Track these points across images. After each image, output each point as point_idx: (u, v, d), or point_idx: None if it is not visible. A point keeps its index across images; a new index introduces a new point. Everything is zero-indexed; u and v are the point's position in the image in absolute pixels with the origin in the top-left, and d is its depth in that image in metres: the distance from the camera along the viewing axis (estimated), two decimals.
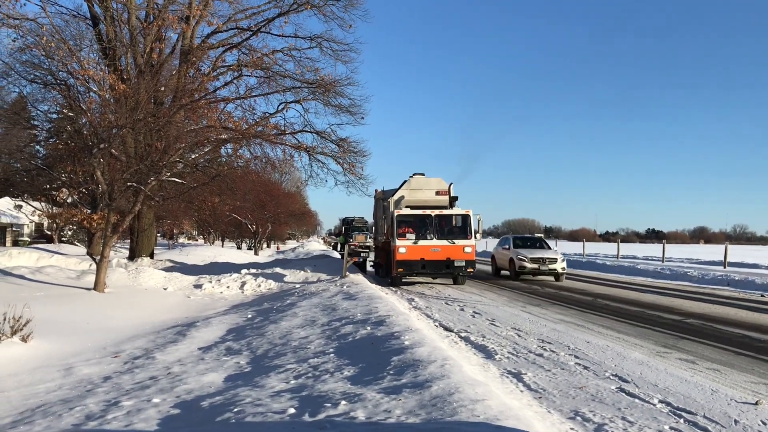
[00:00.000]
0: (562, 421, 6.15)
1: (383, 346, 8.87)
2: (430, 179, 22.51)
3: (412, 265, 20.05)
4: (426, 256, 20.05)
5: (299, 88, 26.06)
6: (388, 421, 5.18)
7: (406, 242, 20.04)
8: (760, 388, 7.44)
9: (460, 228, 20.75)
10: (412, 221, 20.59)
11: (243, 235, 57.26)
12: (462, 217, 20.81)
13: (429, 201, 21.91)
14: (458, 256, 20.13)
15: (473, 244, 20.40)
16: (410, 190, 22.17)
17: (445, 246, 20.13)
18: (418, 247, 20.04)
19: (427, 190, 22.23)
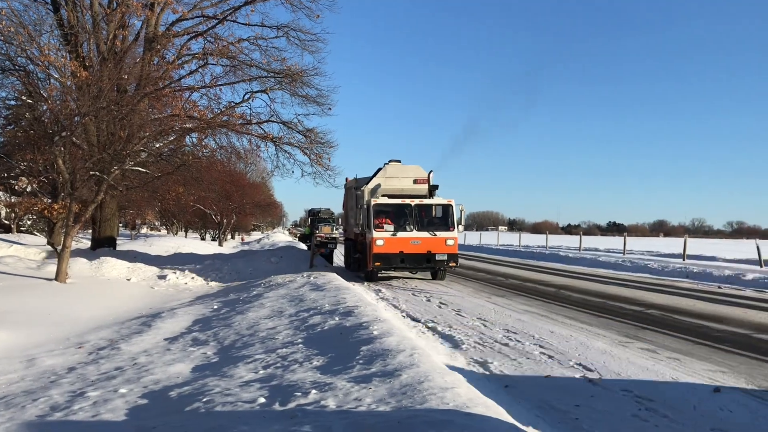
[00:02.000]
0: (529, 408, 6.28)
1: (352, 336, 8.91)
2: (407, 167, 21.30)
3: (390, 258, 18.73)
4: (405, 249, 18.81)
5: (265, 78, 25.84)
6: (359, 409, 5.22)
7: (384, 234, 18.76)
8: (717, 376, 7.67)
9: (442, 219, 19.66)
10: (390, 211, 19.36)
11: (207, 226, 56.69)
12: (444, 207, 19.67)
13: (406, 190, 20.71)
14: (440, 249, 18.97)
15: (456, 236, 19.30)
16: (386, 177, 20.84)
17: (425, 238, 18.95)
18: (397, 239, 18.78)
19: (404, 178, 20.98)
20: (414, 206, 19.17)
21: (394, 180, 20.82)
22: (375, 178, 20.84)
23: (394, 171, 21.09)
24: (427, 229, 19.11)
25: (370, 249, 18.87)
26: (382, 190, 20.54)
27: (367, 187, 20.58)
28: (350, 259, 23.64)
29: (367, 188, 20.60)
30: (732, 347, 9.48)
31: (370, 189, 20.54)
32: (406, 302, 14.57)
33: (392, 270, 19.63)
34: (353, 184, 23.14)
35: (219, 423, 5.05)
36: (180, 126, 22.12)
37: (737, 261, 28.87)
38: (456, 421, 4.48)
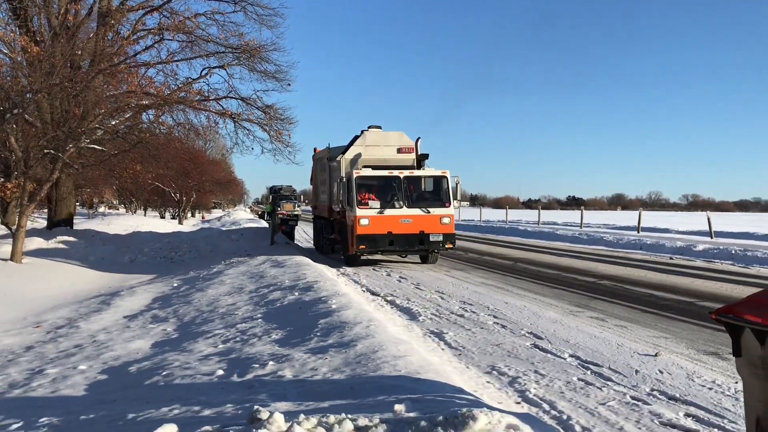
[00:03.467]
0: (479, 375, 6.54)
1: (311, 310, 9.08)
2: (389, 133, 18.73)
3: (376, 240, 16.20)
4: (394, 229, 16.28)
5: (223, 53, 25.52)
6: (314, 378, 5.40)
7: (369, 212, 16.18)
8: (660, 342, 8.04)
9: (435, 193, 17.29)
10: (375, 185, 16.95)
11: (166, 204, 56.08)
12: (437, 180, 17.26)
13: (389, 160, 18.15)
14: (434, 229, 16.44)
15: (452, 213, 16.82)
16: (366, 146, 18.29)
17: (418, 216, 16.39)
18: (385, 217, 16.21)
19: (387, 146, 18.42)
20: (403, 179, 16.72)
21: (375, 149, 18.34)
22: (353, 146, 18.37)
23: (375, 138, 18.53)
24: (418, 205, 16.64)
25: (352, 229, 16.34)
26: (362, 160, 18.04)
27: (344, 158, 18.12)
28: (322, 240, 21.53)
29: (345, 158, 18.13)
30: (676, 314, 9.91)
31: (349, 159, 18.09)
32: (366, 277, 14.79)
33: (378, 253, 17.29)
34: (325, 154, 20.47)
35: (178, 394, 5.18)
36: (136, 103, 21.81)
37: (690, 233, 29.75)
38: (405, 385, 4.69)
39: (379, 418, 3.34)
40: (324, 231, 20.93)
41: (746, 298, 3.97)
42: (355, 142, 18.50)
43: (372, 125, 18.67)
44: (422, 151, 18.54)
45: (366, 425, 3.22)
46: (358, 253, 16.56)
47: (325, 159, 20.23)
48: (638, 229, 31.18)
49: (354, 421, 3.25)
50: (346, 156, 18.13)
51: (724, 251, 19.58)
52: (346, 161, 18.06)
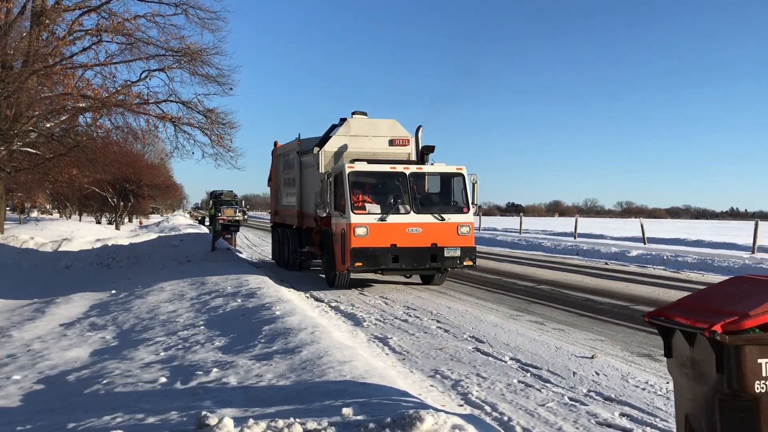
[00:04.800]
0: (423, 379, 6.64)
1: (254, 316, 9.04)
2: (379, 121, 15.54)
3: (376, 255, 12.64)
4: (399, 242, 12.77)
5: (164, 56, 25.06)
6: (259, 384, 5.40)
7: (368, 218, 12.76)
8: (596, 344, 8.32)
9: (448, 195, 14.10)
10: (373, 184, 13.83)
11: (103, 209, 54.62)
12: (451, 178, 13.98)
13: (379, 155, 14.79)
14: (450, 241, 13.06)
15: (472, 221, 13.59)
16: (351, 137, 15.02)
17: (429, 225, 13.02)
18: (387, 226, 12.77)
19: (376, 137, 15.17)
20: (409, 176, 13.28)
21: (363, 140, 15.06)
22: (335, 136, 15.01)
23: (362, 127, 15.25)
24: (429, 210, 13.28)
25: (344, 241, 12.78)
26: (348, 154, 14.71)
27: (324, 150, 14.75)
28: (287, 253, 17.90)
29: (326, 151, 14.78)
30: (612, 318, 10.25)
31: (332, 153, 14.82)
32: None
33: (378, 272, 13.55)
34: (293, 147, 17.10)
35: (121, 402, 5.10)
36: (73, 105, 21.25)
37: (624, 239, 30.72)
38: (350, 390, 4.75)
39: (327, 422, 3.38)
40: (289, 242, 17.45)
41: (677, 302, 4.18)
42: (337, 130, 15.16)
43: (356, 111, 15.48)
44: (425, 142, 14.97)
45: (315, 428, 3.27)
46: (352, 271, 12.89)
47: (294, 153, 16.78)
48: (575, 235, 32.03)
49: (303, 425, 3.29)
50: (327, 148, 14.78)
51: (657, 257, 20.31)
52: (328, 155, 14.74)
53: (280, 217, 19.16)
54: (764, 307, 3.53)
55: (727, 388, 3.48)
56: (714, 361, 3.50)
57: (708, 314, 3.64)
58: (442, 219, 13.12)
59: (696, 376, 3.71)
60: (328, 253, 13.94)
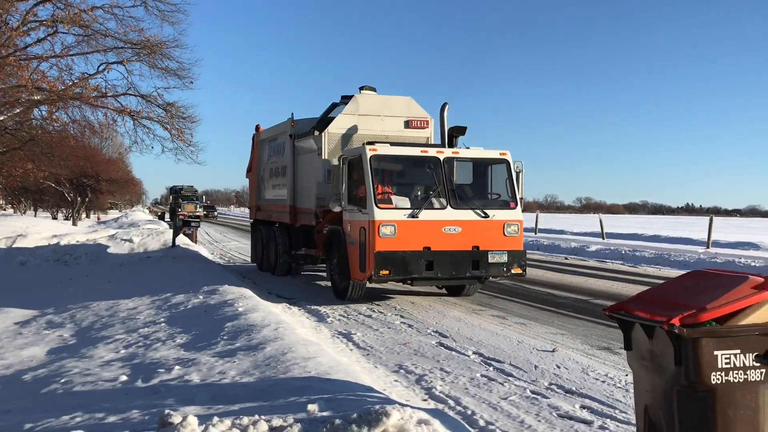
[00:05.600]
0: (388, 374, 6.67)
1: (217, 313, 8.95)
2: (392, 99, 13.03)
3: (407, 261, 10.10)
4: (434, 244, 10.29)
5: (122, 49, 24.58)
6: (223, 381, 5.35)
7: (395, 214, 10.26)
8: (557, 338, 8.44)
9: (484, 187, 11.60)
10: (398, 172, 11.47)
11: (59, 204, 53.43)
12: (493, 166, 11.45)
13: (392, 138, 12.02)
14: (495, 244, 10.62)
15: (521, 218, 11.14)
16: (360, 116, 12.56)
17: (469, 223, 10.55)
18: (420, 224, 10.31)
19: (389, 117, 12.73)
20: (444, 162, 10.74)
21: (374, 121, 12.63)
22: (341, 116, 12.60)
23: (373, 105, 12.80)
24: (469, 204, 10.79)
25: (365, 243, 10.26)
26: (358, 137, 12.33)
27: (328, 132, 12.34)
28: (273, 255, 15.25)
29: (331, 133, 12.35)
30: (572, 312, 10.41)
31: (340, 135, 12.44)
32: (271, 281, 14.67)
33: (408, 282, 10.97)
34: (283, 131, 14.51)
35: (80, 402, 5.01)
36: (27, 98, 20.72)
37: (583, 234, 31.25)
38: (315, 386, 4.74)
39: (293, 418, 3.37)
40: (277, 243, 14.77)
41: (636, 296, 4.26)
42: (341, 109, 12.82)
43: (365, 86, 13.08)
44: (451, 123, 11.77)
45: (280, 425, 3.25)
46: (375, 281, 10.38)
47: (286, 137, 14.17)
48: (536, 231, 32.45)
49: (268, 422, 3.27)
50: (331, 129, 12.36)
51: (615, 251, 20.70)
52: (333, 137, 12.35)
53: (263, 213, 16.45)
54: (720, 300, 3.63)
55: (685, 380, 3.57)
56: (672, 353, 3.58)
57: (667, 308, 3.72)
58: (485, 216, 10.61)
59: (655, 368, 3.79)
60: (339, 257, 11.13)
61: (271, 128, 15.94)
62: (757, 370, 3.59)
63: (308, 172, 13.22)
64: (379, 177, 10.70)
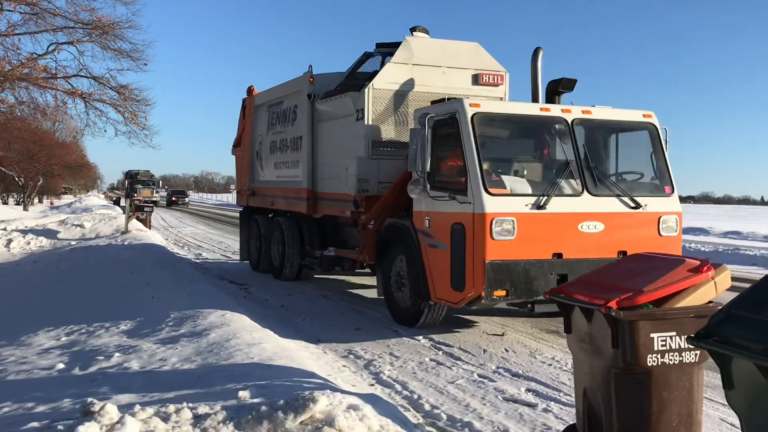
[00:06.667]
0: (336, 359, 6.62)
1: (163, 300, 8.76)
2: (455, 45, 9.92)
3: (531, 276, 6.93)
4: (567, 249, 7.15)
5: (73, 29, 23.87)
6: (163, 368, 5.22)
7: (512, 204, 7.01)
8: (507, 321, 8.47)
9: (627, 164, 8.26)
10: (505, 142, 8.29)
11: (9, 189, 51.98)
12: (634, 132, 8.34)
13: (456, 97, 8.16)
14: (649, 248, 6.50)
15: (679, 210, 7.90)
16: (414, 66, 9.43)
17: (612, 217, 7.42)
18: (547, 219, 7.10)
19: (452, 69, 9.66)
20: (572, 125, 7.58)
21: (433, 74, 9.55)
22: (391, 65, 9.43)
23: (430, 52, 9.65)
24: (611, 189, 7.58)
25: (466, 247, 6.99)
26: (414, 94, 9.37)
27: (373, 87, 9.13)
28: (278, 255, 12.08)
29: (375, 89, 9.16)
30: None
31: (393, 92, 9.29)
32: (225, 266, 14.49)
33: (528, 307, 7.27)
34: (297, 89, 11.36)
35: (11, 392, 4.82)
36: None
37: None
38: (256, 372, 4.65)
39: (221, 406, 3.28)
40: (285, 238, 11.63)
41: (577, 279, 4.27)
42: (378, 61, 10.11)
43: (416, 27, 9.96)
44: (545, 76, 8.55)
45: (206, 413, 3.16)
46: (485, 304, 7.05)
47: (302, 98, 11.03)
48: None
49: (193, 410, 3.18)
50: (378, 84, 9.19)
51: None
52: (382, 95, 9.24)
53: (260, 199, 13.40)
54: (657, 283, 3.65)
55: (622, 362, 3.58)
56: (610, 336, 3.59)
57: (605, 291, 3.72)
58: (635, 206, 7.47)
59: (593, 351, 3.80)
60: (410, 267, 7.90)
61: (274, 89, 12.77)
62: (691, 352, 3.62)
63: (338, 145, 9.99)
64: (489, 148, 7.46)
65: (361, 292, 10.70)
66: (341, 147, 9.86)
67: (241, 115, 14.36)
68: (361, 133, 9.18)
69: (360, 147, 9.17)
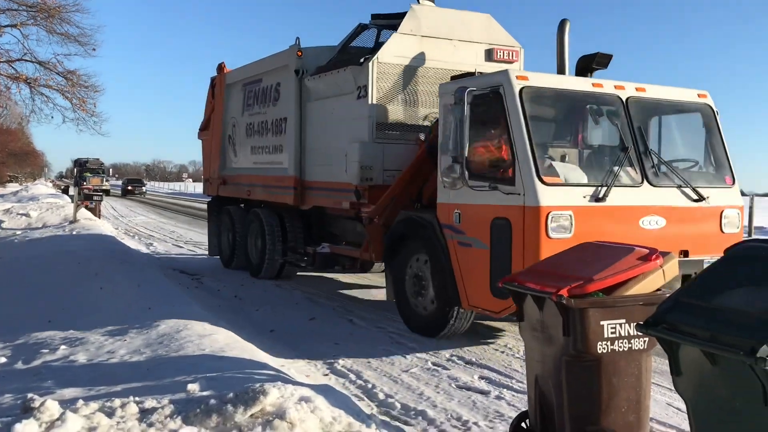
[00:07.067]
0: (290, 350, 6.57)
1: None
2: (466, 15, 8.98)
3: None
4: None
5: (16, 11, 23.09)
6: (110, 361, 5.09)
7: (569, 196, 6.01)
8: None
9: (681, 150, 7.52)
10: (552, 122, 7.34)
11: None
12: (688, 113, 7.42)
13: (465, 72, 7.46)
14: (711, 247, 6.49)
15: (740, 203, 7.09)
16: (423, 38, 8.47)
17: (674, 211, 6.45)
18: (607, 212, 6.12)
19: (464, 43, 8.70)
20: (628, 103, 6.63)
21: (442, 47, 8.58)
22: (397, 36, 8.34)
23: (439, 23, 8.69)
24: (672, 179, 6.64)
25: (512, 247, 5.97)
26: (425, 71, 8.46)
27: (379, 61, 8.12)
28: (257, 252, 10.97)
29: (381, 62, 8.14)
30: None
31: (402, 67, 8.30)
32: (176, 256, 14.25)
33: None
34: (282, 64, 10.22)
35: None
36: None
37: None
38: (206, 364, 4.57)
39: (169, 399, 3.21)
40: (266, 232, 10.41)
41: (529, 267, 4.30)
42: (372, 34, 9.35)
43: None
44: None
45: (153, 407, 3.08)
46: None
47: (288, 74, 9.90)
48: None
49: (140, 404, 3.10)
50: (384, 57, 8.16)
51: None
52: (388, 70, 8.23)
53: (232, 189, 12.16)
54: (607, 271, 3.69)
55: (573, 350, 3.62)
56: (561, 324, 3.62)
57: (556, 279, 3.75)
58: (697, 199, 6.58)
59: (545, 339, 3.83)
60: (435, 269, 6.90)
61: (251, 65, 11.57)
62: (640, 339, 3.68)
63: (334, 127, 8.95)
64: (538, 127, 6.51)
65: (317, 282, 10.63)
66: (338, 129, 8.80)
67: (210, 94, 13.10)
68: (363, 114, 8.17)
69: (362, 129, 8.16)
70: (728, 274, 3.04)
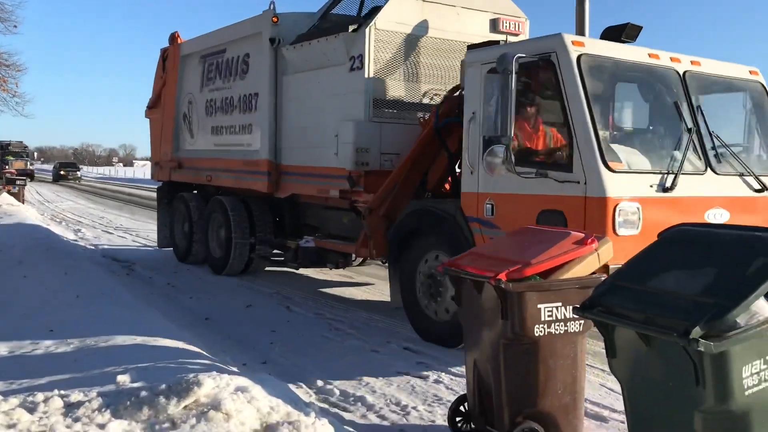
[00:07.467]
0: (225, 338, 6.45)
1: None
2: None
3: None
4: None
5: None
6: (35, 353, 4.86)
7: (637, 185, 5.17)
8: None
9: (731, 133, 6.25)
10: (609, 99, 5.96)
11: None
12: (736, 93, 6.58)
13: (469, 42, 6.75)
14: None
15: None
16: (424, 4, 7.46)
17: (738, 201, 5.74)
18: (673, 204, 5.29)
19: (468, 11, 7.78)
20: (685, 76, 5.83)
21: (445, 14, 7.66)
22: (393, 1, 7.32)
23: None
24: (734, 166, 5.86)
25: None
26: (427, 42, 7.53)
27: (377, 27, 7.19)
28: (219, 244, 9.84)
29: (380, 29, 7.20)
30: None
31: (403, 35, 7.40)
32: (108, 244, 13.81)
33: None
34: (254, 31, 9.04)
35: None
36: None
37: None
38: (138, 354, 4.42)
39: (96, 392, 3.07)
40: (232, 223, 9.27)
41: (469, 252, 4.30)
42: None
43: None
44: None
45: (80, 401, 2.94)
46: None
47: (261, 43, 8.81)
48: None
49: (65, 398, 2.96)
50: (382, 24, 7.23)
51: None
52: (387, 38, 7.30)
53: (189, 173, 10.93)
54: (544, 255, 3.73)
55: (511, 333, 3.65)
56: (499, 307, 3.64)
57: (495, 263, 3.77)
58: (760, 189, 5.89)
59: (483, 323, 3.85)
60: None
61: (212, 34, 10.33)
62: (576, 322, 3.74)
63: (319, 103, 7.95)
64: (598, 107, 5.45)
65: None
66: (324, 106, 7.80)
67: (160, 68, 11.68)
68: (358, 88, 7.18)
69: (357, 106, 7.19)
70: (662, 257, 3.10)
